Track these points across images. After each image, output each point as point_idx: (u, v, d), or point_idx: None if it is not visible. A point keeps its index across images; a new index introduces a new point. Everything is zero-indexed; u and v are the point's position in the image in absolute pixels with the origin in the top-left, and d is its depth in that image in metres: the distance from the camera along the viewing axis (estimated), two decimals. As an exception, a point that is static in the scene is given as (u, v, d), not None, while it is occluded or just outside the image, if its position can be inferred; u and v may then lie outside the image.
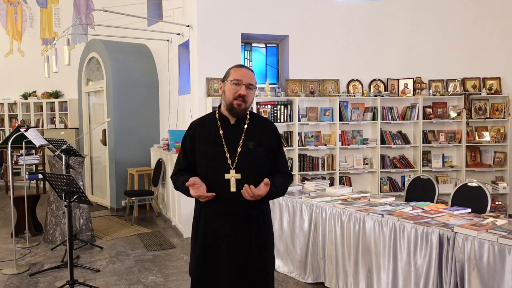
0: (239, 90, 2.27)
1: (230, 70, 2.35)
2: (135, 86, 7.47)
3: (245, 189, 2.18)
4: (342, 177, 6.47)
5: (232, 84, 2.29)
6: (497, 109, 6.38)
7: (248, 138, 2.33)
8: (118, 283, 4.17)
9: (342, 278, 3.72)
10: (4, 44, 10.33)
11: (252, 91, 2.34)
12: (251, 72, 2.36)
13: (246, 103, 2.30)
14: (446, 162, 6.56)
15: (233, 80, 2.29)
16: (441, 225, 3.03)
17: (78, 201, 3.53)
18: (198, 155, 2.35)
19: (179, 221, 5.87)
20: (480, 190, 3.93)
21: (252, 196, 2.18)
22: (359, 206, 3.71)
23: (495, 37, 6.49)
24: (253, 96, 2.38)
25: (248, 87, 2.30)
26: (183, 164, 2.40)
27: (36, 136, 5.01)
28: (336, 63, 6.50)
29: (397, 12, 6.56)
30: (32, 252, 5.09)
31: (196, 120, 2.48)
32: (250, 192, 2.17)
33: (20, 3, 10.22)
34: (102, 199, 7.78)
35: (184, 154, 2.40)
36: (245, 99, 2.28)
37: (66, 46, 5.50)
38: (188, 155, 2.38)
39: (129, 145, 7.41)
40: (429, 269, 2.98)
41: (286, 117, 6.18)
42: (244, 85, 2.28)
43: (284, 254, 4.28)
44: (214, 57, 5.96)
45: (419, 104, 6.34)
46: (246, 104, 2.31)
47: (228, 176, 2.26)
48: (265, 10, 6.25)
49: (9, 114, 10.23)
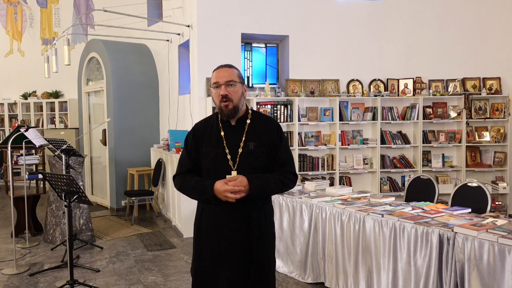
0: (220, 92, 2.25)
1: (212, 74, 2.33)
2: (135, 86, 7.47)
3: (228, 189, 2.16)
4: (342, 177, 6.47)
5: (213, 88, 2.29)
6: (497, 109, 6.38)
7: (249, 138, 2.32)
8: (118, 283, 4.17)
9: (342, 278, 3.72)
10: (4, 44, 10.32)
11: (235, 87, 2.27)
12: (227, 69, 2.29)
13: (232, 102, 2.26)
14: (446, 162, 6.56)
15: (212, 84, 2.29)
16: (441, 225, 3.03)
17: (78, 201, 3.53)
18: (201, 157, 2.34)
19: (179, 221, 5.87)
20: (480, 190, 3.93)
21: (236, 192, 2.16)
22: (359, 206, 3.71)
23: (495, 37, 6.49)
24: (240, 91, 2.29)
25: (228, 85, 2.25)
26: (189, 164, 2.37)
27: (36, 136, 5.01)
28: (336, 63, 6.50)
29: (397, 12, 6.57)
30: (32, 252, 5.09)
31: (199, 122, 2.47)
32: (232, 189, 2.16)
33: (20, 3, 10.22)
34: (102, 199, 7.78)
35: (189, 155, 2.38)
36: (228, 98, 2.25)
37: (66, 46, 5.50)
38: (193, 156, 2.37)
39: (129, 145, 7.41)
40: (429, 269, 2.98)
41: (286, 117, 6.18)
42: (222, 85, 2.25)
43: (284, 254, 4.28)
44: (214, 57, 5.96)
45: (419, 104, 6.34)
46: (233, 103, 2.26)
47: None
48: (265, 10, 6.25)
49: (9, 114, 10.22)
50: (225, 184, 2.18)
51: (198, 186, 2.27)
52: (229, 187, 2.16)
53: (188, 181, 2.32)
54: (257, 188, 2.22)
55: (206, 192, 2.23)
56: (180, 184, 2.37)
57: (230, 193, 2.16)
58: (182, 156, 2.43)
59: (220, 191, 2.17)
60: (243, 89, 2.33)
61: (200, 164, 2.36)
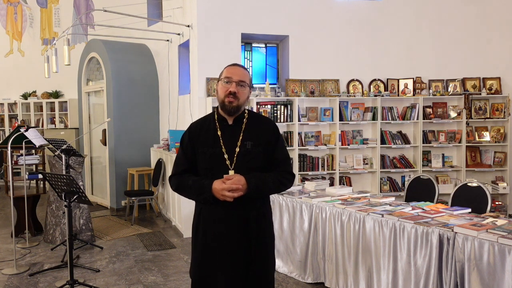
0: (229, 88, 2.26)
1: (224, 69, 2.34)
2: (135, 86, 7.47)
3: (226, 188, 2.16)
4: (342, 177, 6.47)
5: (223, 82, 2.29)
6: (497, 109, 6.38)
7: (247, 138, 2.31)
8: (118, 283, 4.17)
9: (342, 278, 3.72)
10: (4, 44, 10.32)
11: (245, 88, 2.30)
12: (243, 70, 2.33)
13: (238, 100, 2.27)
14: (446, 162, 6.56)
15: (224, 78, 2.29)
16: (441, 225, 3.03)
17: (78, 201, 3.53)
18: (198, 157, 2.33)
19: (179, 221, 5.87)
20: (480, 190, 3.93)
21: (234, 190, 2.16)
22: (359, 206, 3.71)
23: (495, 37, 6.49)
24: (247, 94, 2.33)
25: (240, 84, 2.27)
26: (185, 164, 2.36)
27: (36, 136, 5.01)
28: (336, 63, 6.50)
29: (397, 12, 6.57)
30: (32, 252, 5.09)
31: (195, 122, 2.47)
32: (230, 188, 2.15)
33: (20, 3, 10.21)
34: (102, 199, 7.78)
35: (185, 155, 2.37)
36: (236, 96, 2.26)
37: (66, 46, 5.50)
38: (189, 156, 2.35)
39: (129, 145, 7.41)
40: (429, 269, 2.98)
41: (286, 117, 6.18)
42: (234, 82, 2.26)
43: (284, 254, 4.28)
44: (214, 57, 5.96)
45: (419, 104, 6.34)
46: (238, 102, 2.27)
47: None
48: (265, 10, 6.25)
49: (9, 114, 10.22)
50: (222, 183, 2.17)
51: (196, 186, 2.25)
52: (227, 186, 2.15)
53: (186, 181, 2.31)
54: (255, 187, 2.22)
55: (204, 191, 2.22)
56: (177, 185, 2.35)
57: (227, 191, 2.16)
58: (178, 156, 2.41)
59: (218, 190, 2.17)
60: (249, 93, 2.37)
61: (196, 164, 2.35)
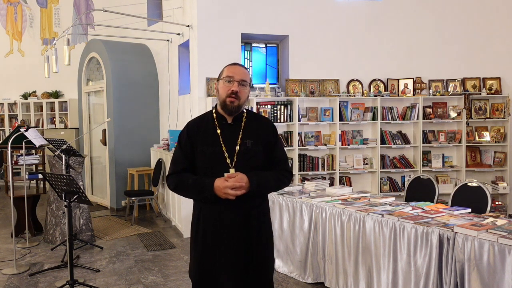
0: (231, 87, 2.26)
1: (224, 68, 2.34)
2: (135, 86, 7.47)
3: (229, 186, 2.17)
4: (342, 177, 6.46)
5: (225, 81, 2.29)
6: (497, 109, 6.38)
7: (246, 136, 2.32)
8: (118, 283, 4.17)
9: (342, 278, 3.72)
10: (4, 44, 10.32)
11: (246, 88, 2.31)
12: (244, 69, 2.33)
13: (239, 100, 2.28)
14: (446, 162, 6.56)
15: (226, 77, 2.29)
16: (441, 225, 3.03)
17: (78, 201, 3.53)
18: (197, 155, 2.32)
19: (179, 221, 5.87)
20: (480, 190, 3.93)
21: (237, 188, 2.16)
22: (359, 206, 3.71)
23: (495, 37, 6.49)
24: (247, 94, 2.34)
25: (241, 84, 2.27)
26: (184, 162, 2.34)
27: (36, 136, 5.01)
28: (336, 63, 6.50)
29: (397, 12, 6.56)
30: (32, 252, 5.09)
31: (192, 120, 2.45)
32: (233, 185, 2.16)
33: (20, 3, 10.22)
34: (102, 199, 7.78)
35: (184, 153, 2.35)
36: (238, 96, 2.26)
37: (66, 46, 5.50)
38: (188, 155, 2.34)
39: (129, 145, 7.41)
40: (429, 269, 2.98)
41: (286, 117, 6.18)
42: (236, 81, 2.26)
43: (284, 254, 4.28)
44: (214, 57, 5.96)
45: (419, 104, 6.34)
46: (239, 101, 2.28)
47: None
48: (265, 10, 6.25)
49: (9, 114, 10.22)
50: (225, 181, 2.18)
51: (197, 184, 2.24)
52: (230, 184, 2.16)
53: (185, 180, 2.29)
54: (257, 185, 2.22)
55: (205, 190, 2.21)
56: (175, 184, 2.33)
57: (230, 189, 2.16)
58: (176, 155, 2.39)
59: (221, 188, 2.17)
60: (249, 93, 2.38)
61: (195, 162, 2.34)
